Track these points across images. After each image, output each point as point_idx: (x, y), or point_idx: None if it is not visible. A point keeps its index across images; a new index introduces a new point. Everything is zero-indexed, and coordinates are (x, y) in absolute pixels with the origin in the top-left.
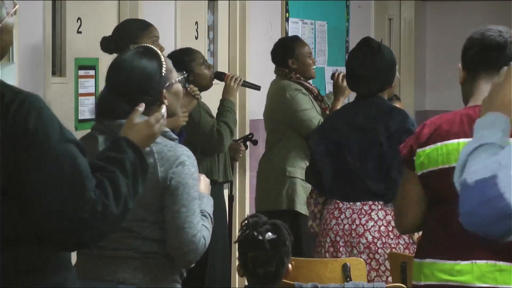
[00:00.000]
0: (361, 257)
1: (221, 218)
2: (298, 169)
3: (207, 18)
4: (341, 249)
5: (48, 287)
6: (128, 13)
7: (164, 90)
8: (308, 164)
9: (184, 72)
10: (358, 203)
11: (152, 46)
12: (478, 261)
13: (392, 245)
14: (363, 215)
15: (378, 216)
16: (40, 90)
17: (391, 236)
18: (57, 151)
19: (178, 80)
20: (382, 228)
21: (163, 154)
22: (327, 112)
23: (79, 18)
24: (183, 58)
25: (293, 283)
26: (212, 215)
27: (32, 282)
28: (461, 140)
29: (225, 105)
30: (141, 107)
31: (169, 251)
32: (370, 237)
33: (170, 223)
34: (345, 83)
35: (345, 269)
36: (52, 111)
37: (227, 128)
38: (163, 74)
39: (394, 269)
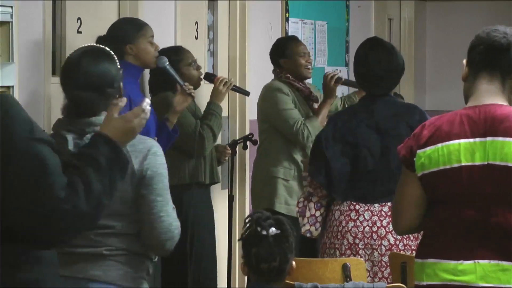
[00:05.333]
0: (382, 260)
1: (208, 218)
2: (281, 168)
3: (207, 18)
4: (360, 251)
5: (16, 283)
6: (128, 13)
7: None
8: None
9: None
10: (376, 205)
11: (100, 46)
12: (481, 261)
13: (413, 247)
14: (383, 217)
15: None
16: (40, 90)
17: (411, 238)
18: (23, 150)
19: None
20: None
21: (135, 146)
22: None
23: (79, 18)
24: (171, 57)
25: (293, 283)
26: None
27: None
28: (462, 141)
29: (211, 108)
30: (122, 102)
31: (146, 242)
32: (392, 239)
33: (146, 213)
34: (331, 84)
35: (345, 269)
36: (22, 111)
37: (209, 131)
38: (119, 68)
39: (394, 269)
